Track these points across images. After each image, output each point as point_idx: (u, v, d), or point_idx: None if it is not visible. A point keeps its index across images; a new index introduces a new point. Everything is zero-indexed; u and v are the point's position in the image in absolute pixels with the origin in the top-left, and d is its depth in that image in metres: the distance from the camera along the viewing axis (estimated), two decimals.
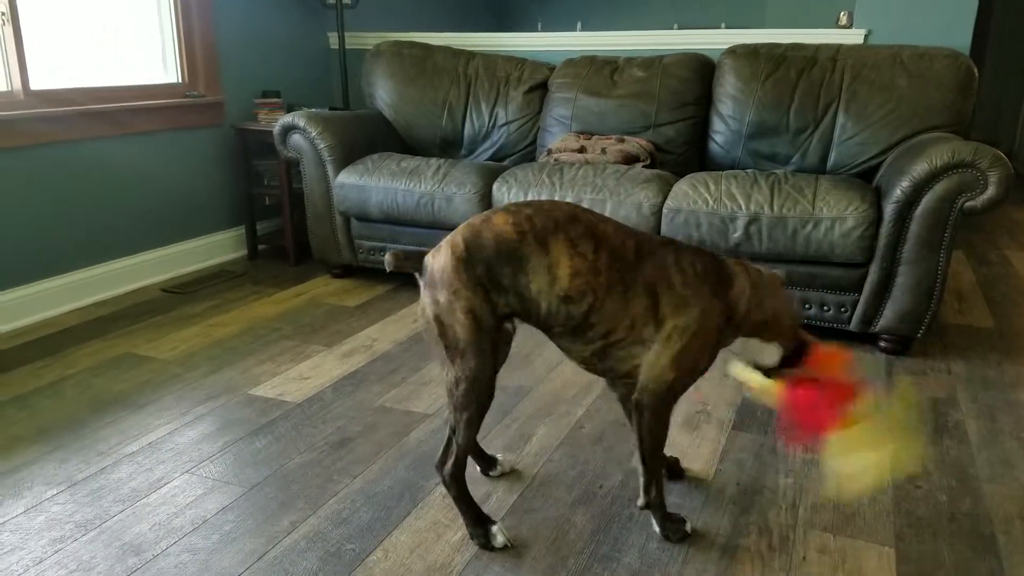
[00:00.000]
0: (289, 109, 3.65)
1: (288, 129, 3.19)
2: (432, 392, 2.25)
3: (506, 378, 2.34)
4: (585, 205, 2.72)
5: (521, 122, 3.47)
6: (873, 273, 2.45)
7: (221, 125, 3.55)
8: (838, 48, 3.05)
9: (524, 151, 3.50)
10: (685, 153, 3.21)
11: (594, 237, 1.44)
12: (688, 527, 1.59)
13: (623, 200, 2.70)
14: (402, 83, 3.62)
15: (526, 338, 2.66)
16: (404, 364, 2.46)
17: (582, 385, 2.29)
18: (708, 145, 3.21)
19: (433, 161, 3.10)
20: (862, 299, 2.49)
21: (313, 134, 3.14)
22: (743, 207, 2.53)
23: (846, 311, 2.53)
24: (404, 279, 3.35)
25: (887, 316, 2.48)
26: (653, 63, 3.30)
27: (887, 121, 2.86)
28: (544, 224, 1.43)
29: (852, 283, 2.49)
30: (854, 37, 3.24)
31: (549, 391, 2.25)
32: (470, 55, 3.67)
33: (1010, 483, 1.78)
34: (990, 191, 2.29)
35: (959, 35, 3.08)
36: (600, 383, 2.31)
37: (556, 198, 2.77)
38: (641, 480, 1.59)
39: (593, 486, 1.76)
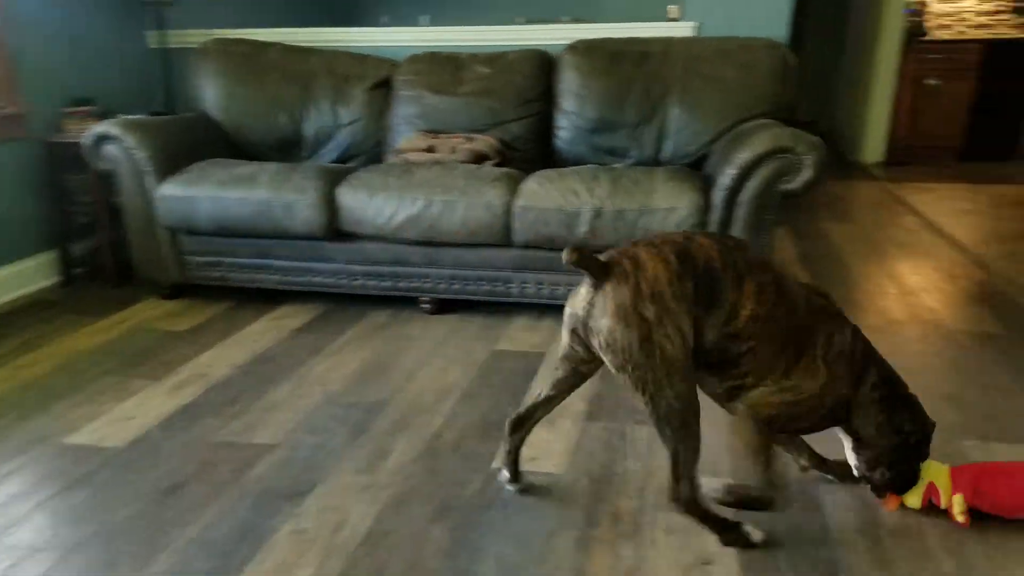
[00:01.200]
0: (103, 117, 3.36)
1: (100, 139, 2.93)
2: (277, 419, 2.15)
3: (360, 392, 2.28)
4: (437, 206, 2.71)
5: (366, 121, 3.39)
6: None
7: (24, 139, 3.22)
8: (670, 41, 3.19)
9: (371, 151, 3.42)
10: (532, 150, 3.26)
11: (779, 289, 1.46)
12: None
13: (474, 200, 2.70)
14: (233, 83, 3.43)
15: (384, 345, 2.61)
16: (244, 391, 2.32)
17: (441, 392, 2.28)
18: (553, 141, 3.27)
19: (270, 166, 2.96)
20: None
21: (129, 143, 2.91)
22: (586, 202, 2.60)
23: None
24: (242, 295, 3.19)
25: None
26: (497, 59, 3.32)
27: (716, 111, 3.03)
28: (744, 262, 1.45)
29: None
30: (685, 30, 3.40)
31: (407, 402, 2.22)
32: (307, 52, 3.53)
33: (833, 444, 1.93)
34: (807, 174, 2.47)
35: (777, 26, 3.30)
36: (460, 389, 2.30)
37: (406, 200, 2.73)
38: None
39: (451, 497, 1.75)
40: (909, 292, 3.08)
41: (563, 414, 2.12)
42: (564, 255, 1.39)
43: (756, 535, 1.56)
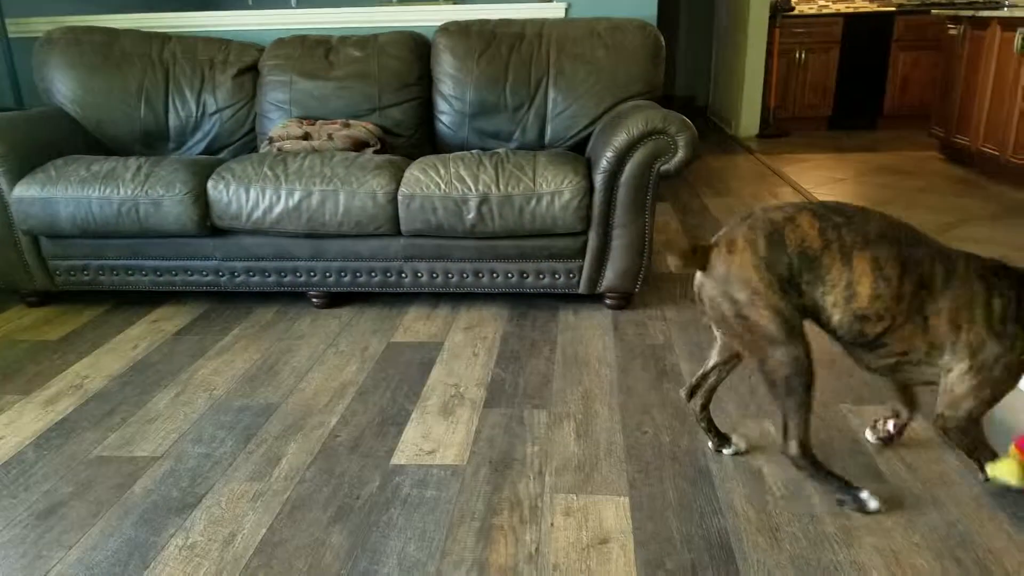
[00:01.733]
0: None
1: None
2: (160, 429, 2.05)
3: (249, 395, 2.20)
4: (316, 197, 2.63)
5: (235, 108, 3.24)
6: (592, 239, 2.65)
7: None
8: (543, 23, 3.21)
9: (243, 140, 3.28)
10: (415, 135, 3.21)
11: (902, 262, 1.41)
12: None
13: (356, 189, 2.64)
14: (85, 74, 3.20)
15: (273, 343, 2.53)
16: (124, 401, 2.20)
17: (336, 390, 2.23)
18: (436, 126, 3.23)
19: (132, 161, 2.78)
20: (586, 264, 2.69)
21: None
22: (472, 188, 2.59)
23: (574, 277, 2.71)
24: (117, 299, 3.01)
25: (608, 276, 2.70)
26: (368, 42, 3.23)
27: (592, 93, 3.07)
28: (853, 239, 1.41)
29: (576, 250, 2.67)
30: (556, 11, 3.42)
31: (299, 403, 2.16)
32: (164, 38, 3.34)
33: (717, 414, 2.02)
34: (680, 154, 2.55)
35: (646, 6, 3.37)
36: (356, 386, 2.26)
37: (283, 192, 2.63)
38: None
39: (350, 498, 1.72)
40: None
41: (461, 403, 2.13)
42: (671, 264, 1.53)
43: (872, 503, 1.59)
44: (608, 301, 2.79)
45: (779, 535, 1.55)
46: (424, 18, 3.47)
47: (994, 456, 1.60)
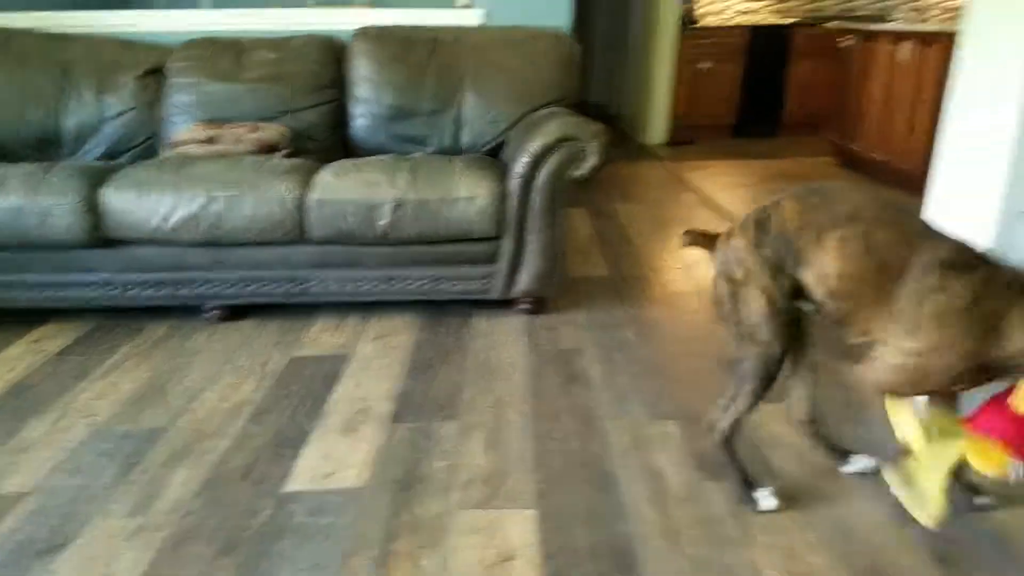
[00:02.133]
0: None
1: None
2: (32, 461, 1.88)
3: (134, 420, 2.06)
4: (220, 203, 2.50)
5: (137, 112, 3.06)
6: (506, 244, 2.62)
7: None
8: (460, 30, 3.17)
9: (144, 145, 3.11)
10: (329, 139, 3.12)
11: (867, 243, 1.41)
12: None
13: (264, 194, 2.52)
14: None
15: (164, 362, 2.38)
16: None
17: (230, 410, 2.11)
18: (351, 130, 3.14)
19: (21, 167, 2.58)
20: (500, 269, 2.65)
21: None
22: (387, 193, 2.52)
23: (488, 282, 2.68)
24: None
25: (523, 281, 2.68)
26: (281, 45, 3.14)
27: (508, 99, 3.05)
28: (824, 219, 1.46)
29: (491, 255, 2.63)
30: (472, 18, 3.40)
31: (189, 427, 2.03)
32: (65, 39, 3.13)
33: (624, 416, 2.03)
34: (592, 160, 2.55)
35: (560, 16, 3.38)
36: (253, 405, 2.15)
37: (183, 198, 2.49)
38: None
39: (239, 530, 1.62)
40: (689, 265, 3.31)
41: (366, 419, 2.05)
42: (682, 240, 1.69)
43: (767, 503, 1.64)
44: (522, 306, 2.77)
45: (680, 538, 1.56)
46: (340, 22, 3.38)
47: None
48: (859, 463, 1.77)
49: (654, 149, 6.36)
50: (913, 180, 4.28)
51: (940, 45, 4.05)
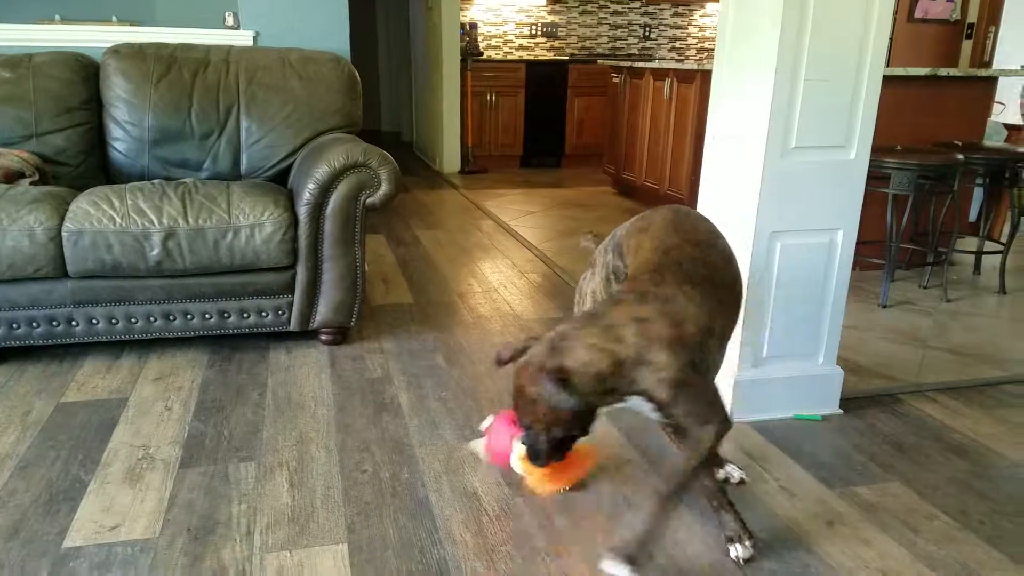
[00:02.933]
0: None
1: None
2: None
3: None
4: None
5: None
6: (301, 273, 2.52)
7: None
8: (229, 49, 3.03)
9: None
10: (83, 164, 2.83)
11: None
12: None
13: (8, 227, 2.24)
14: None
15: None
16: None
17: None
18: (110, 154, 2.88)
19: None
20: (296, 300, 2.55)
21: None
22: (155, 222, 2.33)
23: (283, 313, 2.56)
24: None
25: (322, 311, 2.59)
26: (20, 62, 2.81)
27: (288, 123, 2.96)
28: None
29: (283, 286, 2.52)
30: (243, 39, 3.26)
31: None
32: None
33: (436, 442, 2.03)
34: (384, 188, 2.54)
35: (338, 39, 3.34)
36: (16, 458, 1.87)
37: None
38: None
39: None
40: (491, 289, 3.40)
41: (151, 466, 1.87)
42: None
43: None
44: (323, 337, 2.67)
45: (495, 556, 1.57)
46: (91, 39, 3.09)
47: None
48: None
49: (449, 177, 6.50)
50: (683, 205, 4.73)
51: (698, 82, 4.55)
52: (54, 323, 2.38)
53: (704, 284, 1.47)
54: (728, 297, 1.52)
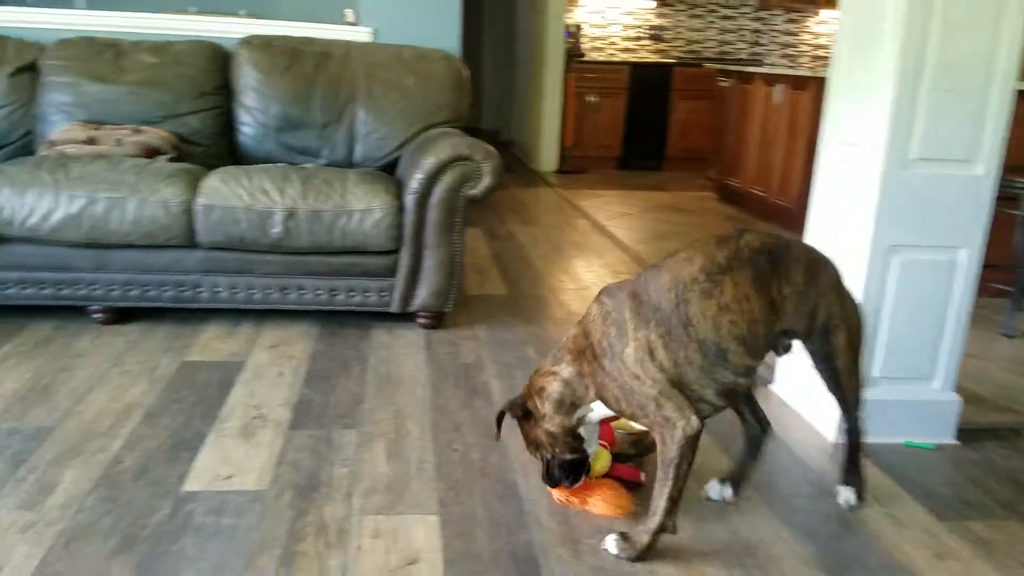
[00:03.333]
0: None
1: None
2: None
3: (19, 418, 1.95)
4: (102, 204, 2.44)
5: (10, 109, 2.93)
6: (404, 258, 2.65)
7: None
8: (349, 45, 3.20)
9: (19, 143, 2.95)
10: (214, 145, 3.05)
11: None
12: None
13: (147, 198, 2.45)
14: None
15: (48, 362, 2.25)
16: None
17: (120, 412, 2.03)
18: (238, 137, 3.09)
19: None
20: (398, 283, 2.68)
21: None
22: (278, 201, 2.50)
23: (386, 295, 2.70)
24: None
25: (421, 295, 2.71)
26: (163, 49, 3.06)
27: (401, 117, 3.10)
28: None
29: (387, 269, 2.66)
30: (362, 35, 3.42)
31: (78, 427, 1.95)
32: None
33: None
34: (486, 180, 2.63)
35: (449, 39, 3.46)
36: (144, 408, 2.07)
37: (63, 198, 2.40)
38: None
39: (136, 528, 1.57)
40: (583, 286, 3.46)
41: (264, 425, 2.02)
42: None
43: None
44: (421, 320, 2.80)
45: (580, 547, 1.62)
46: (224, 29, 3.32)
47: None
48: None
49: (546, 176, 6.57)
50: (790, 215, 4.64)
51: (811, 89, 4.44)
52: (182, 288, 2.59)
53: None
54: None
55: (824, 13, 7.37)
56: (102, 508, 1.63)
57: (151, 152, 2.79)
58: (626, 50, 7.42)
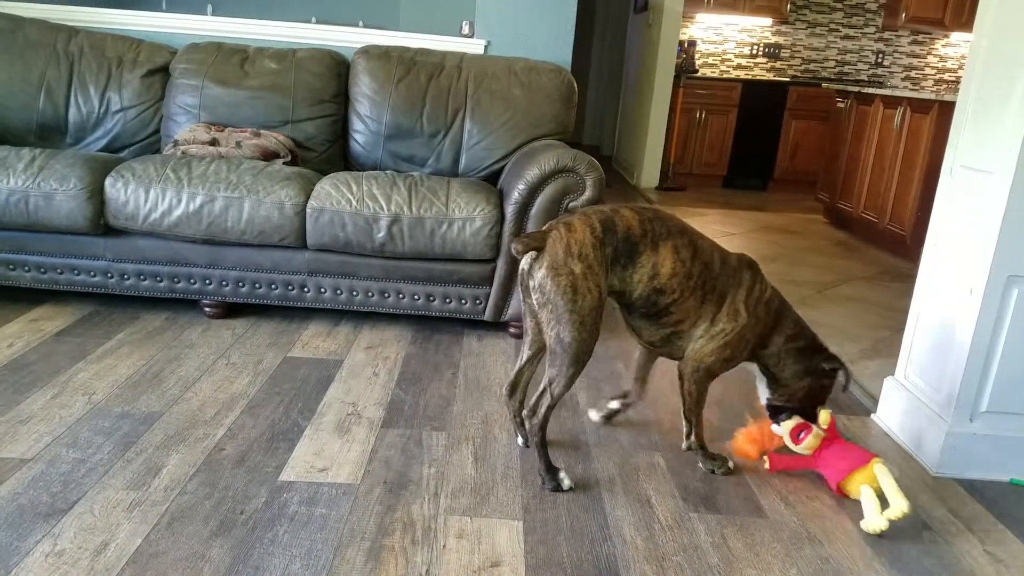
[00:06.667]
0: None
1: None
2: (32, 431, 1.91)
3: (130, 402, 2.08)
4: (219, 203, 2.57)
5: (140, 109, 3.13)
6: (500, 267, 2.68)
7: None
8: (462, 56, 3.27)
9: (146, 141, 3.16)
10: (328, 151, 3.18)
11: (694, 249, 1.81)
12: (731, 463, 1.99)
13: (263, 199, 2.58)
14: None
15: (160, 351, 2.40)
16: None
17: (224, 402, 2.14)
18: (350, 144, 3.21)
19: (26, 151, 2.63)
20: (492, 291, 2.71)
21: None
22: (385, 208, 2.58)
23: (480, 303, 2.73)
24: None
25: (513, 305, 2.73)
26: (286, 56, 3.21)
27: (507, 128, 3.14)
28: (661, 230, 1.79)
29: (484, 278, 2.69)
30: (475, 47, 3.50)
31: (184, 413, 2.06)
32: (71, 31, 3.19)
33: (611, 444, 2.08)
34: (588, 192, 2.63)
35: (561, 52, 3.49)
36: (246, 399, 2.18)
37: (184, 195, 2.55)
38: (684, 429, 2.03)
39: (233, 513, 1.65)
40: None
41: (358, 422, 2.08)
42: (512, 248, 1.74)
43: (567, 483, 1.84)
44: (512, 330, 2.82)
45: (664, 564, 1.59)
46: (344, 39, 3.47)
47: (698, 423, 1.99)
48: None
49: (646, 192, 6.50)
50: (902, 242, 4.41)
51: (934, 113, 4.21)
52: (289, 287, 2.71)
53: None
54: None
55: (955, 36, 6.98)
56: (203, 492, 1.72)
57: (268, 155, 2.94)
58: (740, 67, 7.26)
